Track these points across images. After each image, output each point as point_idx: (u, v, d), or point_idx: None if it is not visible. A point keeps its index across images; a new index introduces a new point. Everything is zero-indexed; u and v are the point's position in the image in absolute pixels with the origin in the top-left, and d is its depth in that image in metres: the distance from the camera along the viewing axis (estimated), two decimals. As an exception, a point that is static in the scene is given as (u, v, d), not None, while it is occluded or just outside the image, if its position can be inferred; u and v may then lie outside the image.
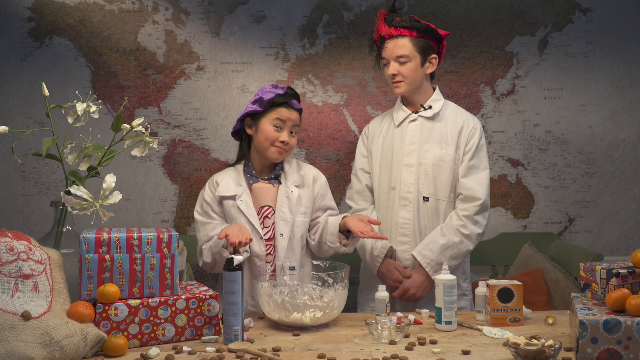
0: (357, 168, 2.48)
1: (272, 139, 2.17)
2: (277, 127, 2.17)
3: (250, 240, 1.99)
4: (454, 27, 3.25)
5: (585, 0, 3.26)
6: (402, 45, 2.29)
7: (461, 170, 2.33)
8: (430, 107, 2.37)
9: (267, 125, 2.18)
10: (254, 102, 2.21)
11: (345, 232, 2.17)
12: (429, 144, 2.34)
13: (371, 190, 2.46)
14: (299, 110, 2.23)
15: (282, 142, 2.17)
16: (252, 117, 2.22)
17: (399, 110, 2.42)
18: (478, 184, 2.31)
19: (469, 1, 3.25)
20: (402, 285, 2.30)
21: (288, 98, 2.19)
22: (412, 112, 2.39)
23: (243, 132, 2.27)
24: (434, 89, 2.41)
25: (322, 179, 2.31)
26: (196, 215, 2.25)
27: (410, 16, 2.32)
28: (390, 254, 2.37)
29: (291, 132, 2.20)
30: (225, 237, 1.98)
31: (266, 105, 2.18)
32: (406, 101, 2.42)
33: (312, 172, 2.29)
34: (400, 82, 2.31)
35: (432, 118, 2.37)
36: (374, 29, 2.37)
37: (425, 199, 2.33)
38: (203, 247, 2.19)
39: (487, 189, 2.34)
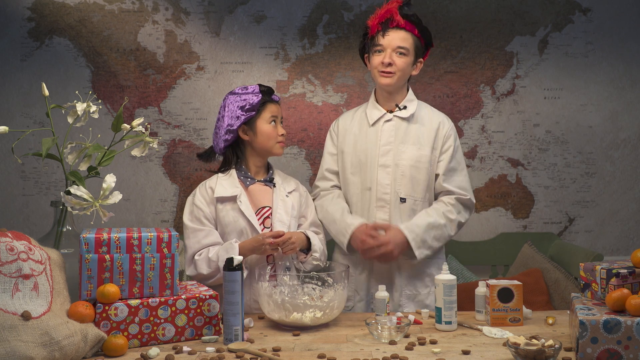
0: (323, 168, 2.43)
1: (274, 136, 2.25)
2: (273, 123, 2.24)
3: (280, 234, 2.11)
4: (454, 27, 3.25)
5: (585, 0, 3.26)
6: (405, 38, 2.28)
7: (440, 173, 2.32)
8: (405, 108, 2.36)
9: (264, 125, 2.23)
10: (244, 110, 2.22)
11: (306, 249, 2.22)
12: (405, 145, 2.32)
13: (337, 189, 2.42)
14: (279, 102, 2.32)
15: (282, 135, 2.26)
16: (245, 124, 2.24)
17: (372, 108, 2.38)
18: (460, 187, 2.33)
19: (469, 1, 3.25)
20: (382, 239, 2.21)
21: (270, 94, 2.27)
22: (387, 112, 2.36)
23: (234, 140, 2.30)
24: (408, 90, 2.40)
25: (303, 188, 2.38)
26: (186, 221, 2.20)
27: (416, 14, 2.33)
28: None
29: (281, 124, 2.30)
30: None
31: (258, 108, 2.23)
32: (381, 100, 2.38)
33: (295, 181, 2.37)
34: (392, 73, 2.28)
35: (407, 119, 2.34)
36: (374, 14, 2.33)
37: (403, 200, 2.31)
38: (196, 257, 2.15)
39: (470, 189, 2.35)
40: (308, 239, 2.22)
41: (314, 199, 2.43)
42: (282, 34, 3.25)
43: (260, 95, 2.23)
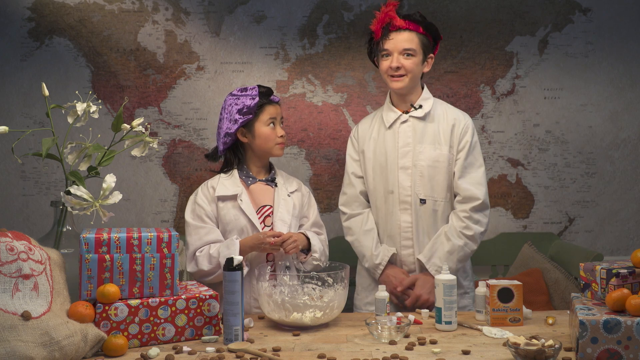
0: (349, 173, 2.44)
1: (273, 138, 2.25)
2: (271, 125, 2.24)
3: (279, 235, 2.12)
4: (454, 27, 3.25)
5: (585, 0, 3.26)
6: (409, 39, 2.27)
7: (457, 170, 2.30)
8: (420, 107, 2.34)
9: (262, 128, 2.24)
10: (241, 113, 2.22)
11: (305, 250, 2.22)
12: (423, 145, 2.31)
13: (365, 195, 2.43)
14: (279, 102, 2.31)
15: (281, 137, 2.27)
16: (244, 126, 2.24)
17: (388, 111, 2.38)
18: (475, 185, 2.29)
19: (469, 1, 3.25)
20: (413, 294, 2.28)
21: (269, 95, 2.27)
22: (403, 113, 2.36)
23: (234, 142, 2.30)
24: (422, 88, 2.39)
25: (306, 188, 2.40)
26: (188, 219, 2.23)
27: (418, 12, 2.32)
28: (393, 260, 2.36)
29: (281, 124, 2.29)
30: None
31: (255, 111, 2.22)
32: (396, 101, 2.38)
33: (297, 181, 2.38)
34: (402, 76, 2.27)
35: (423, 118, 2.33)
36: (375, 18, 2.32)
37: (422, 201, 2.31)
38: (198, 253, 2.17)
39: (485, 187, 2.32)
40: (308, 239, 2.22)
41: (342, 215, 2.44)
42: (282, 34, 3.24)
43: (258, 97, 2.22)
